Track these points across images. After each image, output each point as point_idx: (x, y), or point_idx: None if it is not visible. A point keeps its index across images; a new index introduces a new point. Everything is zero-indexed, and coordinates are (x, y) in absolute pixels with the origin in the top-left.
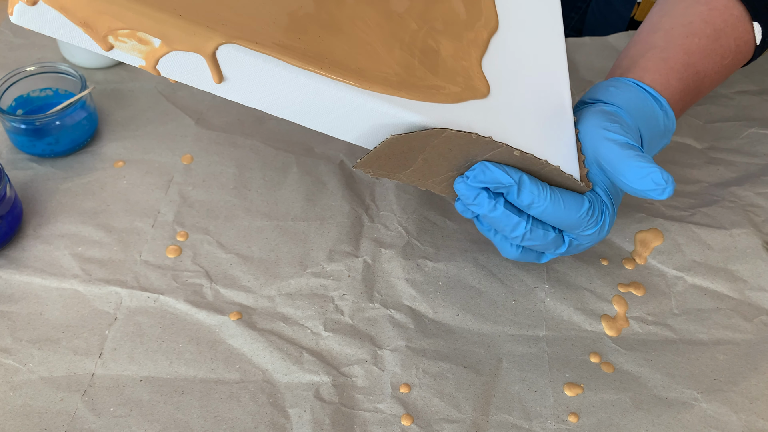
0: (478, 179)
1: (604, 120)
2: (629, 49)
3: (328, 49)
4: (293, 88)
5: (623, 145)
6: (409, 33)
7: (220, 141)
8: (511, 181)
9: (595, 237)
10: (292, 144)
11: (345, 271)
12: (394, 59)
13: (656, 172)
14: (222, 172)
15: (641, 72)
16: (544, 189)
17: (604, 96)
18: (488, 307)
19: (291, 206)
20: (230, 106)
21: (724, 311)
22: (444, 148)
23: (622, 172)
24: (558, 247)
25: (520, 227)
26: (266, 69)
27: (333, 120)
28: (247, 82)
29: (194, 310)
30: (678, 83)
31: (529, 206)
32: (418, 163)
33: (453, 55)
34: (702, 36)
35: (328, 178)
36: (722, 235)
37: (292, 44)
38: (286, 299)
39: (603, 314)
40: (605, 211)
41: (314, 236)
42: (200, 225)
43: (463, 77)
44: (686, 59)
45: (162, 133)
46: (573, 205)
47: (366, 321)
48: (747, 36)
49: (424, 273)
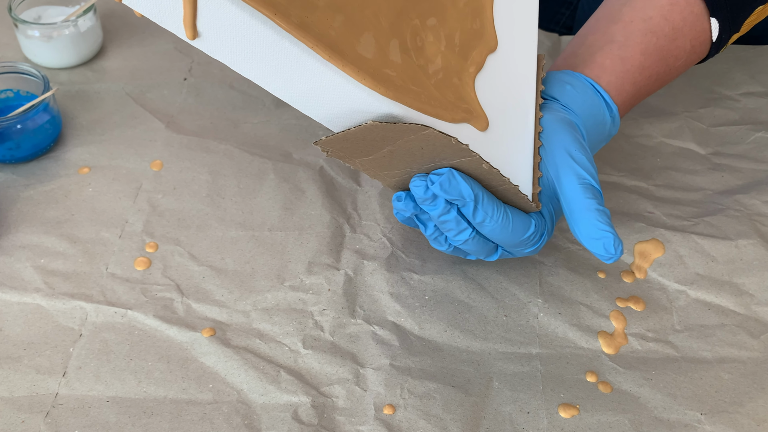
0: (444, 187)
1: (570, 140)
2: (587, 36)
3: (325, 23)
4: (273, 50)
5: (586, 187)
6: (414, 34)
7: (192, 146)
8: (472, 197)
9: (528, 253)
10: (269, 149)
11: (325, 285)
12: (394, 58)
13: (609, 239)
14: (194, 179)
15: (598, 70)
16: (498, 210)
17: (562, 96)
18: (478, 322)
19: (267, 215)
20: (203, 109)
21: (729, 327)
22: (416, 146)
23: (576, 221)
24: (489, 255)
25: (464, 234)
26: (248, 22)
27: (305, 93)
28: (222, 32)
29: (164, 326)
30: (631, 87)
31: (478, 223)
32: (382, 153)
33: (452, 71)
34: (660, 35)
35: (307, 185)
36: (727, 246)
37: (284, 5)
38: (262, 314)
39: (600, 330)
40: (545, 233)
41: (292, 247)
42: (171, 235)
43: (458, 97)
44: (642, 61)
45: (130, 138)
46: (519, 229)
47: (347, 338)
48: (703, 36)
49: (409, 286)
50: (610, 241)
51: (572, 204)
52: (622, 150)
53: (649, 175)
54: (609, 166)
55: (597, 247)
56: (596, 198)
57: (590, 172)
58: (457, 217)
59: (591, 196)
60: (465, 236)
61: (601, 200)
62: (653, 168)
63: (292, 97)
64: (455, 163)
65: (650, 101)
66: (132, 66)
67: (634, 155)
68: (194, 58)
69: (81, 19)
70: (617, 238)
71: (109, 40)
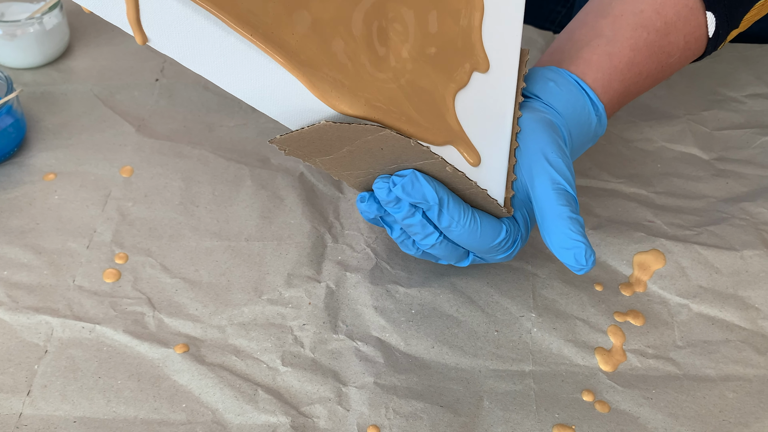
0: (406, 190)
1: (548, 142)
2: (574, 31)
3: (274, 18)
4: (219, 47)
5: (559, 193)
6: (382, 40)
7: (164, 151)
8: (436, 200)
9: (501, 260)
10: (246, 154)
11: (305, 298)
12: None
13: (580, 249)
14: (166, 185)
15: (584, 66)
16: (465, 214)
17: (544, 93)
18: (467, 338)
19: (244, 224)
20: (175, 112)
21: (734, 343)
22: (375, 146)
23: (548, 229)
24: (459, 260)
25: (431, 238)
26: (191, 18)
27: (257, 90)
28: (167, 27)
29: (135, 342)
30: (619, 85)
31: (445, 228)
32: (342, 153)
33: (428, 86)
34: (651, 30)
35: (286, 192)
36: (732, 257)
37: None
38: (238, 329)
39: (597, 347)
40: (518, 239)
41: (271, 258)
42: (142, 246)
43: (436, 115)
44: (631, 57)
45: (98, 142)
46: (489, 235)
47: (329, 354)
48: (698, 31)
49: (394, 300)
50: (581, 252)
51: (544, 210)
52: (620, 155)
53: (649, 181)
54: (606, 172)
55: (567, 257)
56: (570, 205)
57: (566, 176)
58: (423, 221)
59: (564, 202)
60: (432, 240)
61: (576, 207)
62: (653, 174)
63: (245, 94)
64: (418, 164)
65: (650, 103)
66: (100, 66)
67: (633, 161)
68: (166, 57)
69: (46, 16)
70: (589, 248)
71: (76, 38)
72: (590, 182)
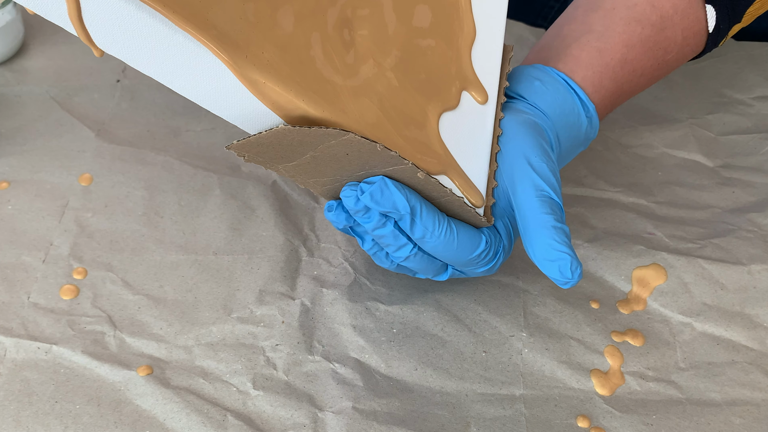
0: (375, 198)
1: (531, 146)
2: (563, 26)
3: (222, 15)
4: (167, 46)
5: (543, 201)
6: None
7: (125, 157)
8: (407, 209)
9: (482, 273)
10: (214, 161)
11: (278, 316)
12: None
13: (566, 261)
14: (128, 195)
15: (573, 63)
16: (439, 224)
17: (529, 93)
18: (453, 359)
19: (212, 237)
20: (138, 115)
21: (740, 365)
22: (340, 151)
23: (531, 240)
24: (437, 274)
25: (404, 250)
26: (135, 15)
27: (211, 92)
28: (111, 26)
29: (94, 364)
30: (611, 84)
31: (418, 239)
32: (305, 159)
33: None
34: (646, 24)
35: (257, 202)
36: (738, 272)
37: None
38: (206, 350)
39: (593, 369)
40: (500, 251)
41: (241, 273)
42: (102, 260)
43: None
44: (624, 54)
45: (55, 148)
46: (467, 246)
47: (304, 377)
48: (697, 26)
49: (374, 318)
50: (566, 264)
51: (527, 219)
52: (618, 162)
53: (650, 190)
54: (603, 180)
55: (552, 269)
56: (554, 213)
57: (551, 183)
58: (395, 231)
59: (548, 211)
60: (405, 252)
61: (561, 216)
62: (654, 183)
63: (198, 97)
64: (388, 171)
65: (650, 106)
66: (57, 66)
67: (632, 168)
68: None
69: None
70: (575, 260)
71: (31, 36)
72: (586, 191)
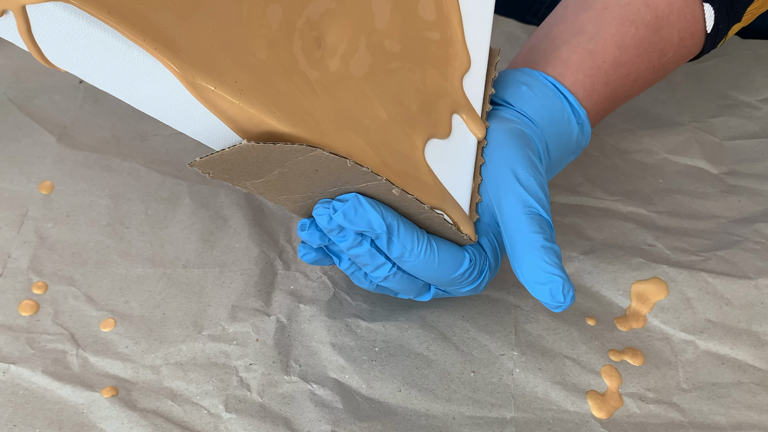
0: (348, 217)
1: (518, 158)
2: (552, 27)
3: (173, 25)
4: (121, 61)
5: (532, 218)
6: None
7: (89, 163)
8: (383, 228)
9: (467, 293)
10: (183, 167)
11: (252, 334)
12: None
13: (557, 284)
14: (92, 204)
15: (562, 66)
16: (418, 242)
17: (516, 99)
18: (439, 380)
19: (182, 249)
20: (103, 119)
21: (747, 386)
22: (309, 168)
23: (519, 261)
24: (419, 294)
25: (383, 269)
26: (86, 30)
27: (171, 108)
28: (63, 41)
29: (56, 385)
30: (603, 88)
31: (397, 258)
32: (273, 175)
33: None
34: (640, 24)
35: (230, 211)
36: (745, 286)
37: (126, 6)
38: (175, 370)
39: (589, 390)
40: (486, 269)
41: (212, 288)
42: (63, 273)
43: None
44: (617, 56)
45: (13, 154)
46: (450, 265)
47: (280, 399)
48: (695, 26)
49: (355, 336)
50: (558, 286)
51: (514, 238)
52: (616, 169)
53: (650, 199)
54: (600, 188)
55: (542, 293)
56: (543, 232)
57: (539, 198)
58: (371, 251)
59: (537, 229)
60: (384, 272)
61: (550, 234)
62: (654, 191)
63: (158, 113)
64: (361, 187)
65: (650, 109)
66: (16, 66)
67: (630, 175)
68: None
69: None
70: (567, 282)
71: None
72: (581, 200)
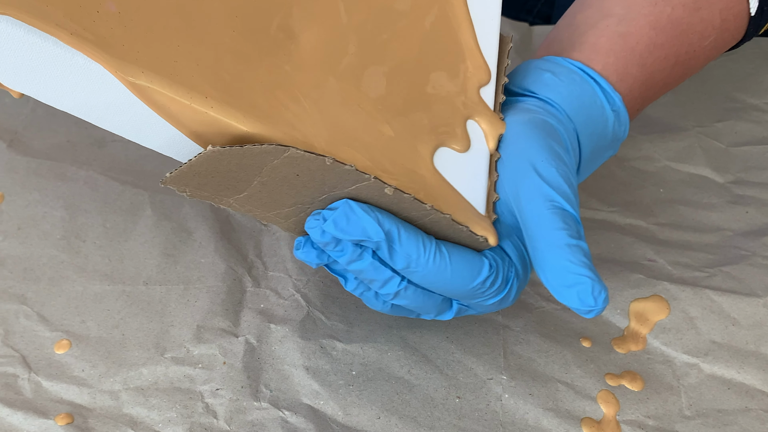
0: (339, 226)
1: (538, 149)
2: (575, 15)
3: (118, 29)
4: (68, 72)
5: (555, 213)
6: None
7: (42, 172)
8: (381, 235)
9: (494, 307)
10: (144, 176)
11: (219, 356)
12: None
13: (585, 285)
14: (45, 215)
15: (590, 51)
16: (425, 249)
17: (538, 86)
18: (422, 406)
19: (143, 264)
20: (57, 123)
21: (755, 412)
22: (289, 173)
23: (542, 262)
24: (441, 313)
25: (391, 284)
26: (25, 40)
27: (131, 118)
28: (6, 57)
29: (6, 411)
30: (639, 72)
31: (403, 269)
32: (254, 187)
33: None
34: (676, 4)
35: (195, 224)
36: (752, 305)
37: (66, 13)
38: (135, 395)
39: (584, 417)
40: (512, 277)
41: (176, 307)
42: (14, 291)
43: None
44: (652, 37)
45: None
46: (466, 273)
47: (249, 426)
48: (738, 6)
49: (331, 359)
50: (587, 288)
51: (536, 238)
52: (613, 177)
53: (650, 210)
54: (596, 198)
55: (570, 297)
56: (568, 228)
57: (562, 191)
58: (374, 263)
59: (561, 225)
60: (393, 287)
61: (577, 230)
62: (655, 201)
63: (118, 127)
64: (351, 191)
65: (651, 113)
66: None
67: (629, 184)
68: None
69: None
70: (598, 282)
71: None
72: None
